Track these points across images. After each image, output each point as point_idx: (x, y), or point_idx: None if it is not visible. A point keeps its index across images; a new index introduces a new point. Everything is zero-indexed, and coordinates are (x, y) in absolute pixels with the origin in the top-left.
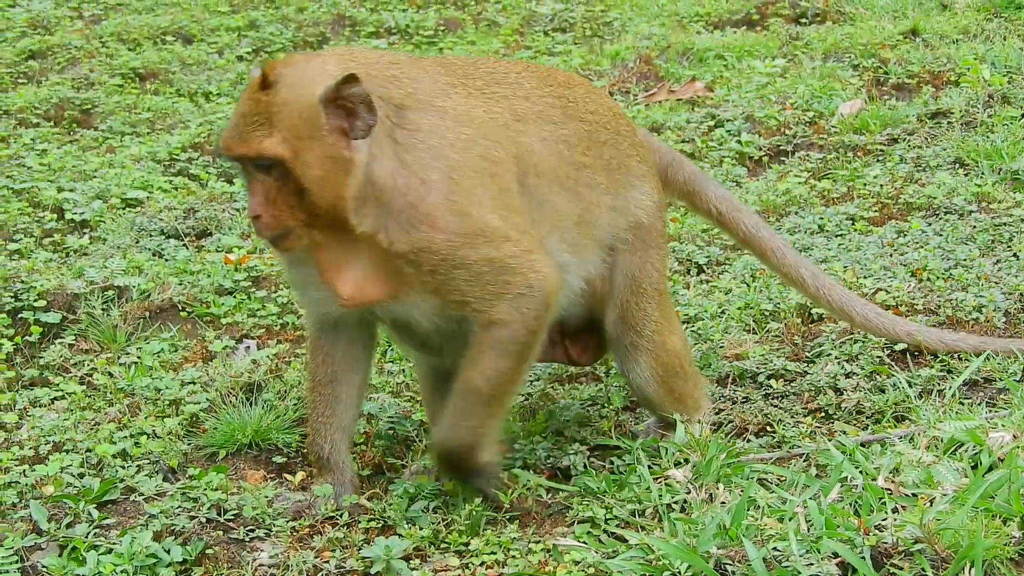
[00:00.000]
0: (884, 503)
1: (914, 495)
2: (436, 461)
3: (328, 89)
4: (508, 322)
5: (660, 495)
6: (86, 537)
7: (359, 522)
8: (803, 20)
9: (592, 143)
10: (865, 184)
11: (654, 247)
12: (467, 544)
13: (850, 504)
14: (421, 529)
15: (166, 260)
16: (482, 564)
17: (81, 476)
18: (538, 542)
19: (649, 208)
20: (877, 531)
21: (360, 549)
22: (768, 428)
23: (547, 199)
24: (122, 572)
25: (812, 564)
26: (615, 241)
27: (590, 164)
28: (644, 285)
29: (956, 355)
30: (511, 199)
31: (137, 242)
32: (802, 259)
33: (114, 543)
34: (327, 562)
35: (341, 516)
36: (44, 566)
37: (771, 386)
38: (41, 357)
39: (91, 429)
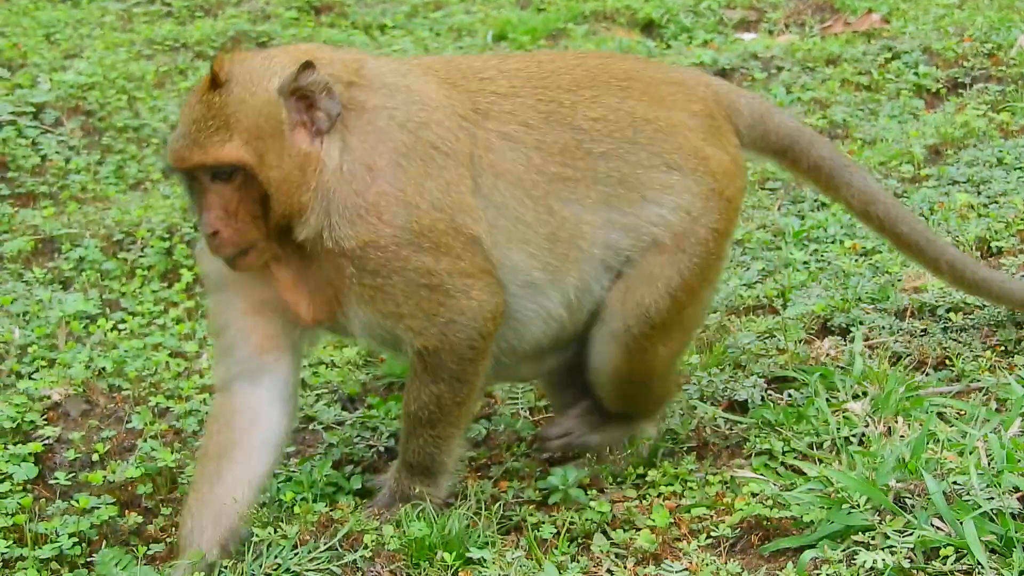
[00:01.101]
0: None
1: None
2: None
3: (285, 80)
4: (438, 348)
5: (838, 428)
6: None
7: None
8: None
9: (582, 154)
10: None
11: (687, 255)
12: (643, 475)
13: None
14: (598, 459)
15: None
16: (659, 495)
17: None
18: (715, 474)
19: (675, 223)
20: None
21: (537, 479)
22: (947, 362)
23: (507, 205)
24: (302, 500)
25: (993, 498)
26: (618, 263)
27: (572, 177)
28: (662, 291)
29: None
30: (461, 197)
31: None
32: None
33: (293, 471)
34: (504, 492)
35: (519, 446)
36: None
37: (950, 319)
38: None
39: None
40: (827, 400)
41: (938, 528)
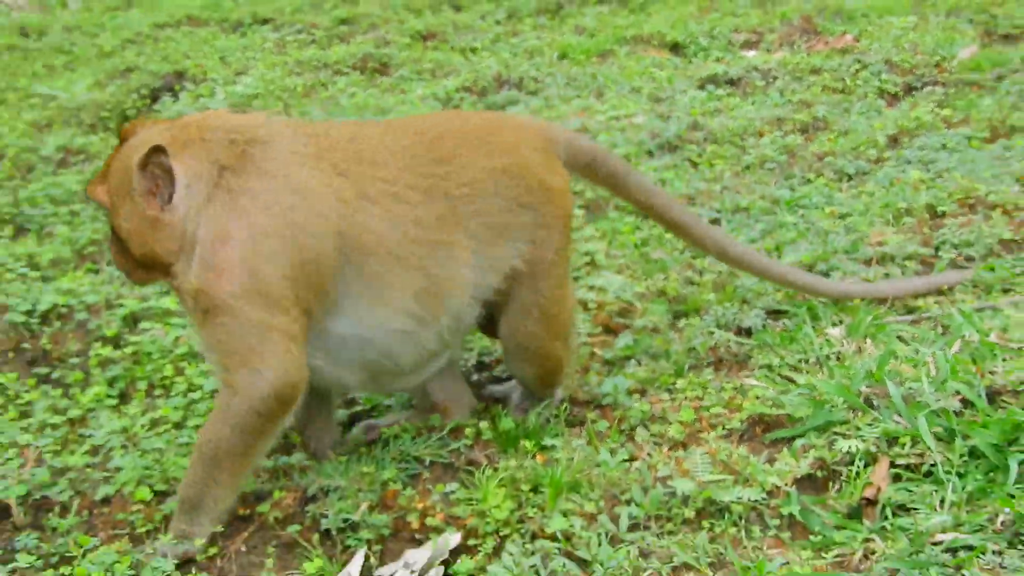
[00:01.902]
0: (995, 354)
1: (1019, 348)
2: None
3: (140, 158)
4: (235, 392)
5: (821, 348)
6: None
7: (592, 367)
8: None
9: (455, 219)
10: (979, 112)
11: (542, 277)
12: (674, 384)
13: (969, 355)
14: (641, 368)
15: None
16: (686, 398)
17: None
18: (728, 383)
19: (531, 253)
20: (990, 375)
21: (595, 387)
22: (901, 298)
23: (381, 277)
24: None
25: (940, 400)
26: (489, 294)
27: (448, 241)
28: (532, 311)
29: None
30: (309, 275)
31: None
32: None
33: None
34: (567, 396)
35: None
36: None
37: (906, 265)
38: None
39: None
40: (812, 327)
41: (898, 422)
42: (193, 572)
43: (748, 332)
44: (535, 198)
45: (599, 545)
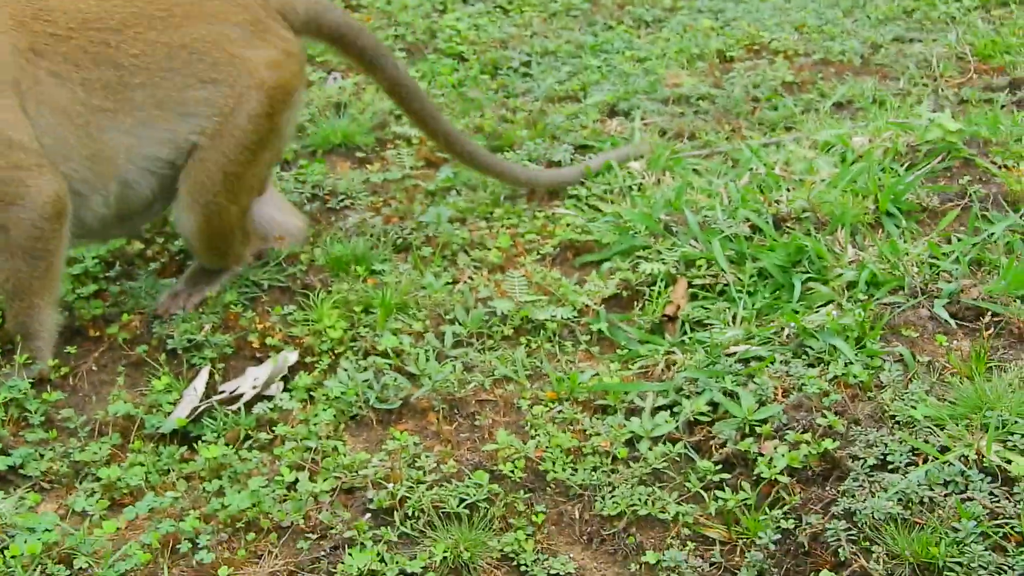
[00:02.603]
0: (780, 185)
1: (801, 180)
2: None
3: None
4: (9, 228)
5: (624, 179)
6: None
7: (416, 197)
8: None
9: (121, 88)
10: None
11: (229, 141)
12: (492, 212)
13: (756, 186)
14: (460, 198)
15: None
16: (503, 225)
17: None
18: (541, 212)
19: (215, 128)
20: (776, 204)
21: (417, 216)
22: (696, 135)
23: (51, 129)
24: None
25: (731, 226)
26: (163, 167)
27: (112, 108)
28: (213, 165)
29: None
30: (11, 114)
31: None
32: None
33: None
34: (394, 224)
35: (403, 192)
36: None
37: (699, 105)
38: None
39: None
40: (617, 162)
41: (694, 246)
42: (48, 390)
43: (558, 164)
44: (222, 74)
45: (427, 360)
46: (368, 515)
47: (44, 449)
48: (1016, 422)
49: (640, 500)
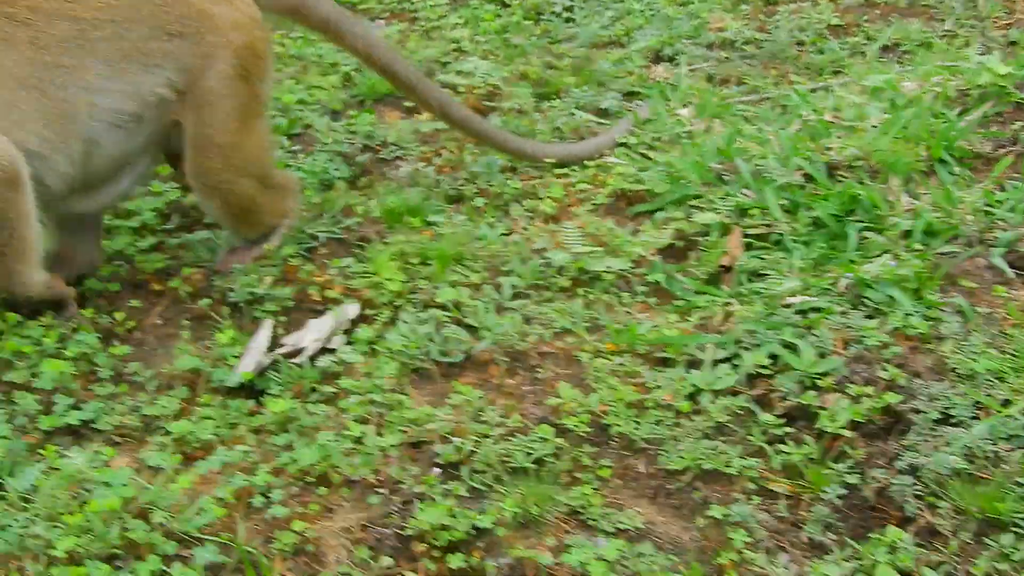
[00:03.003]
0: (831, 132)
1: (851, 127)
2: None
3: None
4: None
5: (673, 127)
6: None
7: (466, 147)
8: None
9: (81, 42)
10: None
11: (207, 109)
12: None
13: (807, 133)
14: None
15: None
16: (554, 176)
17: (273, 117)
18: (591, 161)
19: (184, 83)
20: (828, 151)
21: (467, 166)
22: (744, 80)
23: (5, 97)
24: (309, 184)
25: (784, 175)
26: (124, 121)
27: (69, 64)
28: (206, 145)
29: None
30: None
31: None
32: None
33: (301, 163)
34: (447, 174)
35: (451, 144)
36: None
37: (745, 49)
38: None
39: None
40: (665, 108)
41: (747, 195)
42: (115, 344)
43: (605, 112)
44: (188, 27)
45: (486, 312)
46: (437, 470)
47: (115, 403)
48: None
49: (704, 454)
